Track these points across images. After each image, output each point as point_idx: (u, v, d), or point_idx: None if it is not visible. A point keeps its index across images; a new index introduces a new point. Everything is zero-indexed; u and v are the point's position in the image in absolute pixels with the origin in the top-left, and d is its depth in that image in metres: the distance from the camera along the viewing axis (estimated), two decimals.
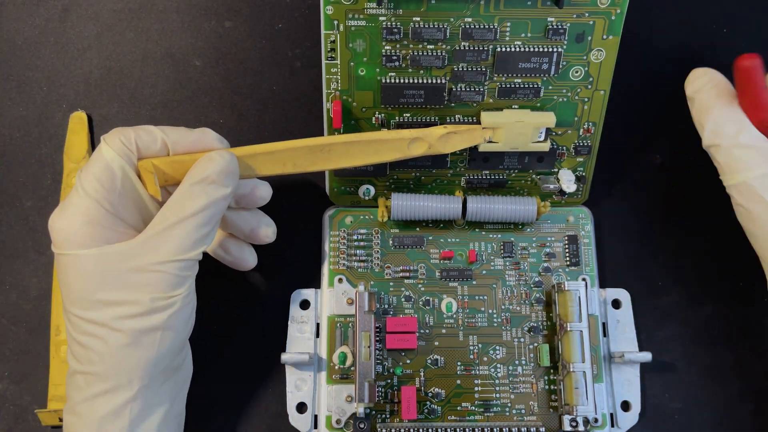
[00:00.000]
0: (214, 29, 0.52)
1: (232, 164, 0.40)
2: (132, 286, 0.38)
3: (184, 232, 0.38)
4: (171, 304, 0.38)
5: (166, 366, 0.39)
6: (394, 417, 0.46)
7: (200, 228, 0.39)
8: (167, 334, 0.39)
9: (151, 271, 0.38)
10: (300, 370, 0.46)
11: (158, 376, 0.39)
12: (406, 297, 0.48)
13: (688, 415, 0.48)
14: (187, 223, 0.38)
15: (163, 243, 0.38)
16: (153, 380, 0.39)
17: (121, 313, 0.38)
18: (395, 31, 0.42)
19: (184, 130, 0.41)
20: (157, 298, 0.38)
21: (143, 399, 0.38)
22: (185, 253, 0.38)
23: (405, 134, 0.43)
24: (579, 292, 0.46)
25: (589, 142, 0.48)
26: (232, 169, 0.40)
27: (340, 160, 0.43)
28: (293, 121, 0.51)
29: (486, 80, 0.44)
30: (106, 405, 0.38)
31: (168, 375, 0.40)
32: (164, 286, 0.38)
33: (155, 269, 0.38)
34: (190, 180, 0.39)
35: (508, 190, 0.49)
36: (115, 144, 0.39)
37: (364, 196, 0.49)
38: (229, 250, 0.45)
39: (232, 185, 0.40)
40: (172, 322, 0.39)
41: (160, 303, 0.38)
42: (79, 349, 0.38)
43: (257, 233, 0.45)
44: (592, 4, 0.42)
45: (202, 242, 0.39)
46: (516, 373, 0.47)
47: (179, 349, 0.41)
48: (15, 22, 0.52)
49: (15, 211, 0.50)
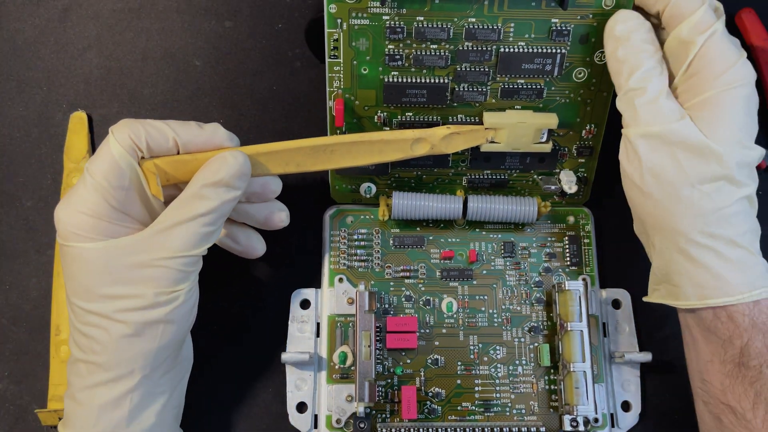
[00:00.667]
0: (214, 29, 0.52)
1: (245, 166, 0.40)
2: (136, 281, 0.38)
3: (191, 230, 0.38)
4: (174, 298, 0.38)
5: (167, 357, 0.39)
6: (395, 417, 0.46)
7: (207, 226, 0.39)
8: (169, 327, 0.39)
9: (156, 267, 0.38)
10: (300, 369, 0.46)
11: (159, 367, 0.39)
12: (406, 297, 0.48)
13: (688, 415, 0.48)
14: (196, 222, 0.38)
15: (169, 239, 0.38)
16: (154, 371, 0.39)
17: (125, 306, 0.37)
18: (398, 30, 0.42)
19: (195, 127, 0.41)
20: (161, 293, 0.38)
21: (143, 389, 0.38)
22: (191, 250, 0.38)
23: (408, 134, 0.43)
24: (579, 292, 0.46)
25: (591, 143, 0.48)
26: (245, 171, 0.40)
27: (343, 160, 0.43)
28: (293, 121, 0.51)
29: (489, 81, 0.44)
30: (106, 394, 0.38)
31: (169, 366, 0.40)
32: (168, 281, 0.38)
33: (160, 264, 0.38)
34: (202, 181, 0.39)
35: (509, 190, 0.49)
36: (124, 140, 0.39)
37: (365, 194, 0.49)
38: (237, 239, 0.45)
39: (243, 186, 0.40)
40: (175, 315, 0.39)
41: (164, 297, 0.38)
42: (81, 339, 0.38)
43: (272, 220, 0.45)
44: (596, 5, 0.42)
45: (207, 239, 0.39)
46: (516, 373, 0.47)
47: (181, 341, 0.41)
48: (15, 22, 0.51)
49: (15, 211, 0.50)
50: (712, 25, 0.38)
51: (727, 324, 0.38)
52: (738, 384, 0.38)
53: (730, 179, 0.38)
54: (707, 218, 0.38)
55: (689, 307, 0.40)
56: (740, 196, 0.38)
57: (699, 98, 0.39)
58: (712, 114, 0.38)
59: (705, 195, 0.38)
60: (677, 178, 0.39)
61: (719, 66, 0.38)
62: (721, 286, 0.38)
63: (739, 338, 0.38)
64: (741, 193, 0.39)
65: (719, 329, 0.39)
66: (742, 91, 0.38)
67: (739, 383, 0.38)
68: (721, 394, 0.39)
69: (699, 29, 0.38)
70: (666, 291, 0.41)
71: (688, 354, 0.42)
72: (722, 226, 0.38)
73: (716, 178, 0.38)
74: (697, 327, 0.40)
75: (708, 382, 0.40)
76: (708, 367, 0.40)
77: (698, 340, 0.40)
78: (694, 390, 0.42)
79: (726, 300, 0.38)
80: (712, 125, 0.38)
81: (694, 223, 0.38)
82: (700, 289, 0.39)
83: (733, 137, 0.38)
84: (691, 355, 0.41)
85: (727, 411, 0.39)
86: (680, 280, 0.39)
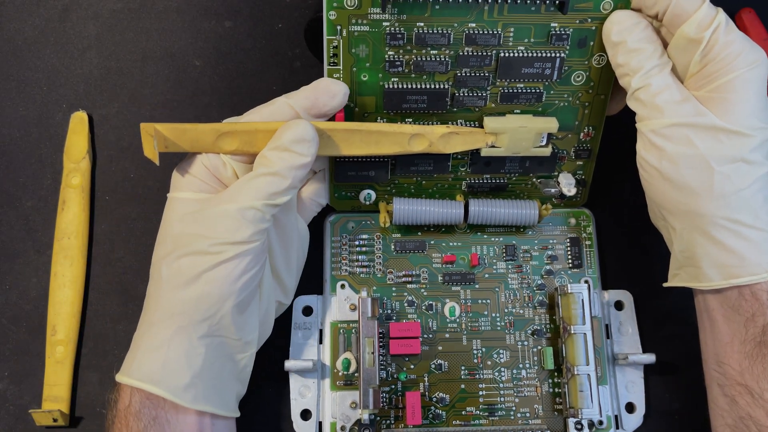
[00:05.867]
0: (214, 29, 0.52)
1: (306, 132, 0.40)
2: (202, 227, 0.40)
3: (252, 184, 0.40)
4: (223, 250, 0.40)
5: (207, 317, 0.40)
6: (399, 423, 0.46)
7: (269, 184, 0.40)
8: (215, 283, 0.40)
9: (219, 216, 0.40)
10: (304, 377, 0.46)
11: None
12: (408, 302, 0.48)
13: (689, 415, 0.48)
14: (258, 179, 0.40)
15: (234, 193, 0.40)
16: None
17: (185, 251, 0.40)
18: (399, 36, 0.42)
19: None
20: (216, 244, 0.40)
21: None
22: (251, 202, 0.39)
23: (406, 129, 0.43)
24: (582, 295, 0.46)
25: (589, 145, 0.48)
26: (305, 136, 0.40)
27: (339, 148, 0.43)
28: None
29: (489, 85, 0.44)
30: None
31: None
32: (228, 230, 0.40)
33: (222, 214, 0.40)
34: (267, 147, 0.41)
35: (508, 193, 0.49)
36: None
37: (365, 201, 0.49)
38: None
39: (304, 150, 0.40)
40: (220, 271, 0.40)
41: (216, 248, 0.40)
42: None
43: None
44: (595, 9, 0.42)
45: (269, 196, 0.40)
46: (520, 377, 0.47)
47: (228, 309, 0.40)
48: (15, 22, 0.51)
49: (15, 211, 0.49)
50: (715, 17, 0.39)
51: (751, 302, 0.39)
52: (757, 364, 0.39)
53: (747, 160, 0.39)
54: (728, 199, 0.39)
55: (714, 287, 0.40)
56: (759, 175, 0.39)
57: (713, 84, 0.40)
58: (728, 98, 0.39)
59: (724, 177, 0.39)
60: (695, 162, 0.39)
61: (731, 52, 0.39)
62: (746, 266, 0.39)
63: (762, 316, 0.39)
64: (759, 172, 0.39)
65: (743, 307, 0.39)
66: (757, 72, 0.39)
67: (758, 363, 0.39)
68: (738, 376, 0.40)
69: (704, 25, 0.39)
70: (688, 274, 0.42)
71: (704, 338, 0.43)
72: (743, 206, 0.39)
73: (734, 160, 0.39)
74: (719, 308, 0.41)
75: (725, 365, 0.40)
76: (726, 349, 0.40)
77: (717, 322, 0.41)
78: (708, 374, 0.42)
79: (751, 279, 0.39)
80: (728, 108, 0.39)
81: (716, 205, 0.39)
82: (724, 269, 0.39)
83: (749, 118, 0.39)
84: (708, 339, 0.42)
85: (744, 392, 0.39)
86: (703, 262, 0.40)
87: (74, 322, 0.47)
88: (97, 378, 0.47)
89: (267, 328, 0.44)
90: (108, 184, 0.50)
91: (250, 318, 0.42)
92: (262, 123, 0.41)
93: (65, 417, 0.46)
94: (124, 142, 0.51)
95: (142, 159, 0.48)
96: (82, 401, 0.47)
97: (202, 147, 0.41)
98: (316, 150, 0.41)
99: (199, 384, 0.39)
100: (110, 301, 0.49)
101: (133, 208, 0.50)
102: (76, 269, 0.48)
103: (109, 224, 0.50)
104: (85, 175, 0.50)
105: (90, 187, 0.50)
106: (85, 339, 0.48)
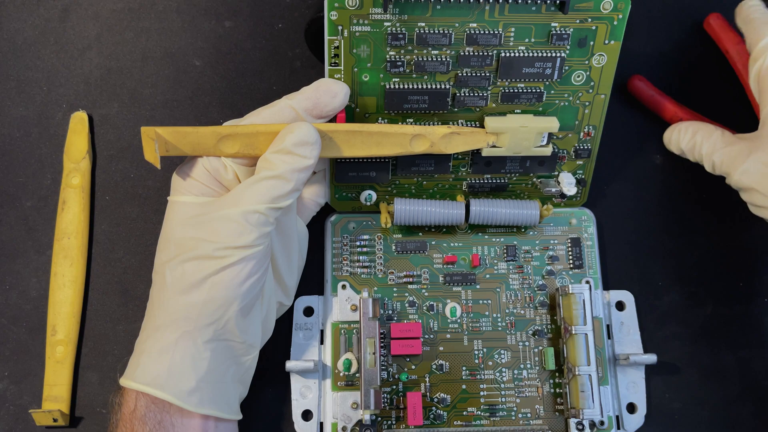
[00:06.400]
0: (214, 29, 0.52)
1: (308, 135, 0.40)
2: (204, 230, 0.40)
3: (254, 188, 0.40)
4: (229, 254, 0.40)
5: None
6: (400, 423, 0.46)
7: (271, 188, 0.39)
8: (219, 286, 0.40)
9: (220, 219, 0.40)
10: (305, 377, 0.46)
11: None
12: (410, 302, 0.48)
13: (689, 414, 0.48)
14: (260, 183, 0.39)
15: (235, 196, 0.40)
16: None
17: (188, 256, 0.40)
18: (400, 36, 0.42)
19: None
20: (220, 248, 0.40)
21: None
22: (254, 205, 0.39)
23: (408, 129, 0.43)
24: (583, 295, 0.46)
25: (589, 145, 0.48)
26: (307, 139, 0.40)
27: (341, 150, 0.43)
28: None
29: (489, 85, 0.44)
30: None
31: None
32: (230, 235, 0.39)
33: (223, 217, 0.39)
34: (268, 150, 0.41)
35: (509, 193, 0.49)
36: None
37: (365, 202, 0.49)
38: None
39: (307, 153, 0.40)
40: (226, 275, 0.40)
41: (221, 253, 0.40)
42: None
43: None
44: (595, 9, 0.42)
45: (273, 199, 0.40)
46: (521, 377, 0.47)
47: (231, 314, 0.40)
48: (15, 22, 0.51)
49: (15, 211, 0.49)
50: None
51: None
52: None
53: None
54: None
55: None
56: None
57: None
58: None
59: None
60: None
61: None
62: None
63: None
64: None
65: None
66: None
67: None
68: None
69: None
70: None
71: None
72: None
73: None
74: None
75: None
76: None
77: None
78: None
79: None
80: None
81: None
82: None
83: None
84: None
85: None
86: None
87: (74, 322, 0.47)
88: (97, 378, 0.47)
89: (268, 329, 0.44)
90: (108, 184, 0.50)
91: (254, 320, 0.42)
92: (263, 125, 0.41)
93: (65, 417, 0.46)
94: (124, 142, 0.51)
95: (142, 159, 0.48)
96: (82, 401, 0.47)
97: (204, 150, 0.41)
98: (319, 152, 0.41)
99: (204, 388, 0.39)
100: (110, 301, 0.49)
101: (133, 208, 0.50)
102: (76, 269, 0.48)
103: (109, 224, 0.50)
104: (85, 175, 0.50)
105: (90, 187, 0.50)
106: (85, 339, 0.48)
